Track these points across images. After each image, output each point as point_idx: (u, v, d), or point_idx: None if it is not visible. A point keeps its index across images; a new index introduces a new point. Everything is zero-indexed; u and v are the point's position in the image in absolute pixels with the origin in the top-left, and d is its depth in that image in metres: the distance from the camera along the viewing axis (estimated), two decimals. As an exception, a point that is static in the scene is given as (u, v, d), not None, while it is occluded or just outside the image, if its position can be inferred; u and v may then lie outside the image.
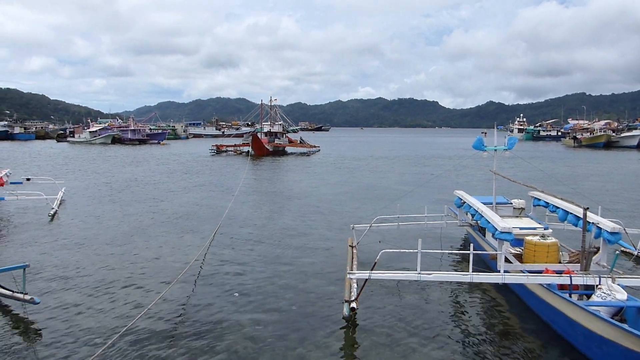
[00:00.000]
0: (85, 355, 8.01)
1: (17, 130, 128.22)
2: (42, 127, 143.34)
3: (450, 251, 14.72)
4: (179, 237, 16.88)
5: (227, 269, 13.00)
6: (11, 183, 24.74)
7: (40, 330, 9.08)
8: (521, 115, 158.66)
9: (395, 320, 9.68)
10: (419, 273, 9.40)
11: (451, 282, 11.35)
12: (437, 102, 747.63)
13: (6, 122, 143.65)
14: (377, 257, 9.73)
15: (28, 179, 26.75)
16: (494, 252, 10.99)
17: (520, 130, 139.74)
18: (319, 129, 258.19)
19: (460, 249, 15.35)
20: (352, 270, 11.03)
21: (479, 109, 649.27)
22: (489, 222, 11.26)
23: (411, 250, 10.20)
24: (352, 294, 9.89)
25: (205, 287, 11.61)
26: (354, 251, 13.44)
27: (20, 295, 9.81)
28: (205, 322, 9.48)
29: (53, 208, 21.17)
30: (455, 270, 12.57)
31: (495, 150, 14.39)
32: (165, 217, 20.44)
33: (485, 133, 15.10)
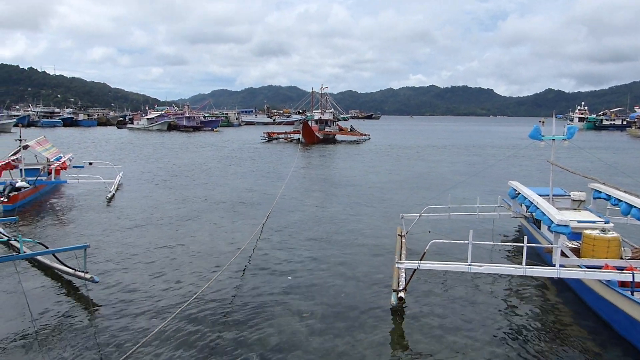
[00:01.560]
0: (141, 334, 8.36)
1: (81, 117, 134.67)
2: (103, 114, 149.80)
3: (502, 243, 14.31)
4: (232, 221, 17.25)
5: (277, 255, 13.20)
6: (73, 167, 26.06)
7: (99, 307, 9.56)
8: (582, 103, 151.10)
9: (444, 311, 9.54)
10: (470, 265, 9.19)
11: (503, 275, 11.05)
12: (492, 90, 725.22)
13: (71, 110, 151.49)
14: (427, 247, 9.59)
15: (90, 163, 28.12)
16: (550, 246, 10.59)
17: (581, 119, 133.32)
18: (369, 117, 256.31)
19: (513, 242, 14.91)
20: (400, 260, 10.93)
21: (536, 97, 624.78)
22: (545, 214, 10.84)
23: (462, 241, 9.99)
24: (401, 283, 9.82)
25: (256, 271, 11.83)
26: (403, 240, 13.31)
27: (82, 274, 10.36)
28: (256, 306, 9.67)
29: (110, 192, 22.13)
30: (508, 263, 12.22)
31: (553, 139, 13.79)
32: (218, 202, 20.94)
33: (543, 122, 14.47)
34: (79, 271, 10.47)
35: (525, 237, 9.29)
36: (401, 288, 9.59)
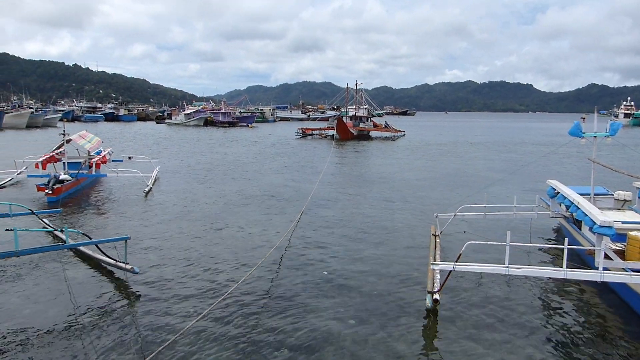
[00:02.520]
0: (178, 325, 8.57)
1: (122, 112, 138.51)
2: (143, 110, 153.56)
3: (541, 245, 13.95)
4: (266, 217, 17.43)
5: (311, 251, 13.27)
6: (113, 161, 26.84)
7: (139, 297, 9.83)
8: (628, 98, 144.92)
9: (481, 314, 9.37)
10: (507, 267, 8.98)
11: (542, 277, 10.79)
12: (531, 85, 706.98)
13: (113, 105, 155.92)
14: (463, 249, 9.43)
15: (129, 157, 28.94)
16: (592, 248, 10.27)
17: (627, 115, 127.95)
18: (404, 113, 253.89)
19: (551, 243, 14.53)
20: (435, 261, 10.78)
21: (578, 92, 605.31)
22: (587, 215, 10.52)
23: (499, 242, 9.80)
24: (436, 284, 9.67)
25: (291, 267, 11.93)
26: (437, 240, 13.14)
27: (123, 265, 10.70)
28: (290, 302, 9.76)
29: (148, 185, 22.70)
30: (547, 265, 11.92)
31: (595, 136, 13.34)
32: (253, 197, 21.19)
33: (584, 118, 14.00)
34: (120, 262, 10.81)
35: (566, 239, 9.02)
36: (436, 290, 9.44)
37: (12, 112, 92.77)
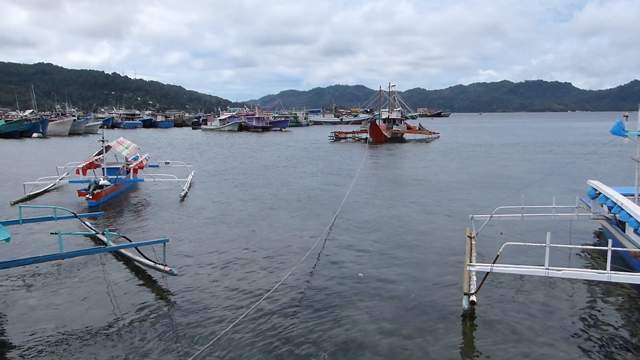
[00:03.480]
0: (216, 327, 8.71)
1: (159, 118, 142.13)
2: (179, 116, 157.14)
3: (582, 246, 13.54)
4: (300, 220, 17.53)
5: (346, 254, 13.27)
6: (150, 166, 27.53)
7: (177, 299, 10.04)
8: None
9: (519, 317, 9.16)
10: (547, 269, 8.74)
11: (584, 280, 10.47)
12: (569, 84, 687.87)
13: (150, 112, 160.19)
14: (500, 250, 9.24)
15: (167, 163, 29.66)
16: (638, 250, 9.91)
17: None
18: (438, 115, 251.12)
19: (593, 245, 14.08)
20: (471, 262, 10.62)
21: (620, 90, 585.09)
22: (631, 216, 10.17)
23: (538, 244, 9.57)
24: (472, 286, 9.52)
25: (326, 270, 11.95)
26: (473, 242, 12.92)
27: (162, 267, 10.96)
28: (325, 305, 9.77)
29: (184, 190, 23.17)
30: (588, 268, 11.56)
31: (639, 135, 12.88)
32: (286, 200, 21.35)
33: (627, 116, 13.57)
34: (159, 264, 11.07)
35: (610, 241, 8.73)
36: (473, 292, 9.30)
37: (55, 120, 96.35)
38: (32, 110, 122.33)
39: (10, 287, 10.78)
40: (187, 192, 23.10)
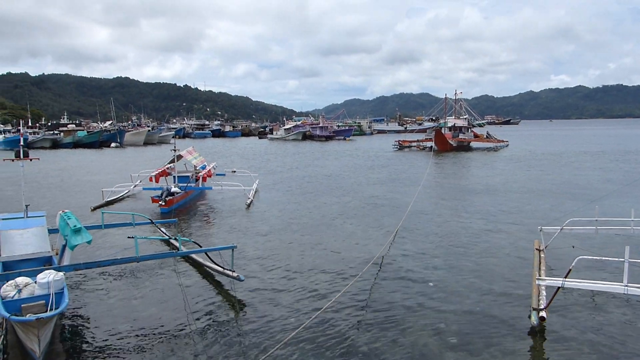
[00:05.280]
0: (280, 334, 8.84)
1: (227, 128, 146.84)
2: (246, 126, 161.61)
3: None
4: (365, 228, 17.48)
5: (410, 263, 13.08)
6: (217, 175, 28.42)
7: (243, 305, 10.29)
8: None
9: (594, 336, 8.63)
10: (626, 285, 8.16)
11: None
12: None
13: (219, 122, 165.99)
14: (573, 264, 8.74)
15: (233, 171, 30.59)
16: None
17: None
18: (507, 123, 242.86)
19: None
20: (540, 276, 10.12)
21: None
22: None
23: (616, 259, 8.98)
24: (541, 301, 9.06)
25: (389, 280, 11.84)
26: (542, 255, 12.33)
27: (229, 272, 11.29)
28: (389, 315, 9.67)
29: (249, 198, 23.74)
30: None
31: None
32: (350, 209, 21.36)
33: None
34: (227, 269, 11.42)
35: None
36: (542, 307, 8.85)
37: (132, 130, 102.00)
38: (111, 121, 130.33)
39: (91, 286, 11.49)
40: (252, 200, 23.67)
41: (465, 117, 75.64)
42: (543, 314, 8.73)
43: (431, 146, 60.56)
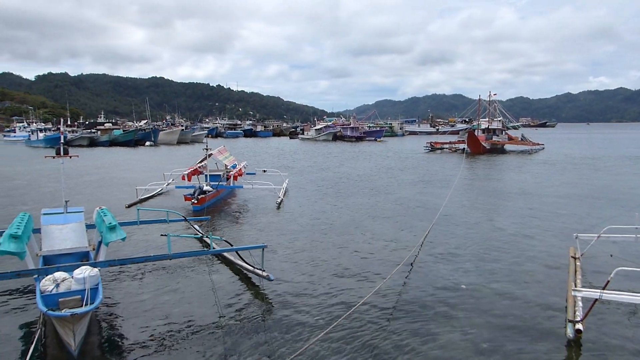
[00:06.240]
0: (308, 335, 8.85)
1: (259, 128, 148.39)
2: (277, 126, 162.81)
3: None
4: (395, 230, 17.35)
5: (440, 266, 12.91)
6: (247, 174, 28.71)
7: (272, 304, 10.35)
8: None
9: (637, 353, 8.30)
10: None
11: None
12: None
13: (251, 122, 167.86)
14: (612, 275, 8.41)
15: (264, 171, 30.84)
16: None
17: None
18: (542, 125, 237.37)
19: None
20: (576, 287, 9.77)
21: None
22: None
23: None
24: (577, 313, 8.74)
25: (419, 282, 11.71)
26: (577, 263, 11.96)
27: (259, 272, 11.38)
28: (418, 319, 9.57)
29: (279, 197, 23.87)
30: None
31: None
32: (380, 210, 21.23)
33: None
34: (257, 268, 11.51)
35: None
36: (579, 319, 8.52)
37: (166, 129, 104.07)
38: (146, 120, 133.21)
39: (125, 282, 11.76)
40: (282, 199, 23.79)
41: (499, 119, 74.20)
42: (579, 326, 8.41)
43: (464, 148, 59.65)
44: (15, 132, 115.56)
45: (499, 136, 67.23)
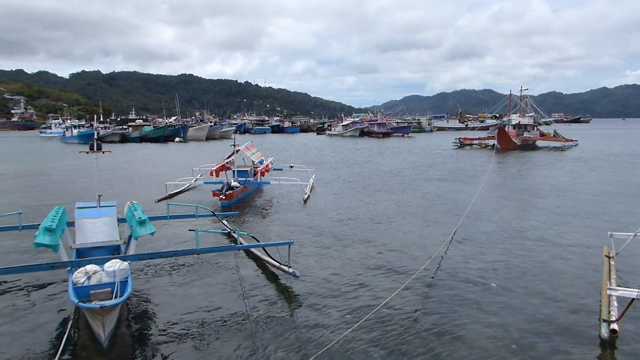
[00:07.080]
0: (333, 332, 8.82)
1: (286, 124, 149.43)
2: (305, 122, 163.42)
3: None
4: (422, 227, 17.16)
5: (469, 264, 12.71)
6: (274, 169, 28.84)
7: (298, 301, 10.34)
8: None
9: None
10: None
11: None
12: None
13: (278, 118, 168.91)
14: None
15: (291, 167, 30.95)
16: None
17: None
18: (576, 121, 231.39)
19: None
20: (611, 286, 9.48)
21: None
22: None
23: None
24: (612, 313, 8.49)
25: (447, 280, 11.55)
26: (612, 262, 11.60)
27: (286, 268, 11.40)
28: (445, 317, 9.43)
29: (306, 193, 23.89)
30: None
31: None
32: (408, 207, 21.04)
33: None
34: (284, 265, 11.53)
35: None
36: (614, 319, 8.28)
37: (195, 126, 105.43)
38: (176, 117, 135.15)
39: (154, 276, 11.95)
40: (309, 195, 23.80)
41: (530, 114, 72.47)
42: (614, 326, 8.18)
43: (494, 144, 58.63)
44: (51, 129, 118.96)
45: (530, 132, 65.84)
